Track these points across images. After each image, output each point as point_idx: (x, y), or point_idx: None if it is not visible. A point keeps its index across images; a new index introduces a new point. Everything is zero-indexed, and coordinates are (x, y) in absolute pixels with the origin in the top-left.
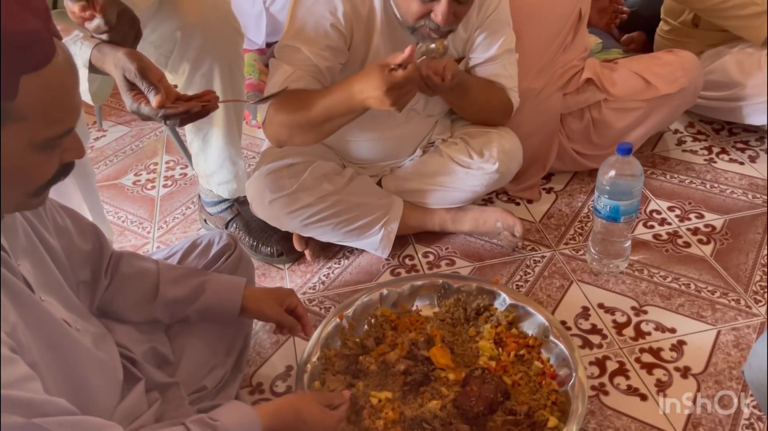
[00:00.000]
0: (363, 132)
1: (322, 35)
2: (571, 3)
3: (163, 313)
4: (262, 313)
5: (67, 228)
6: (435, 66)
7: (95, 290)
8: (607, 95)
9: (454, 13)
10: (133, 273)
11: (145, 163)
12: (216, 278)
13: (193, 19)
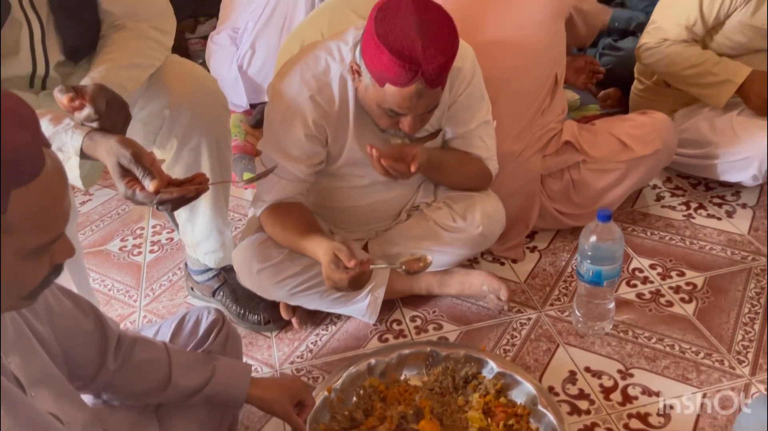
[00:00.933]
0: (347, 199)
1: (299, 147)
2: (547, 68)
3: (170, 399)
4: (270, 408)
5: (64, 311)
6: (404, 154)
7: (99, 369)
8: (586, 156)
9: (421, 120)
10: (145, 360)
11: (132, 227)
12: (224, 364)
13: (181, 97)
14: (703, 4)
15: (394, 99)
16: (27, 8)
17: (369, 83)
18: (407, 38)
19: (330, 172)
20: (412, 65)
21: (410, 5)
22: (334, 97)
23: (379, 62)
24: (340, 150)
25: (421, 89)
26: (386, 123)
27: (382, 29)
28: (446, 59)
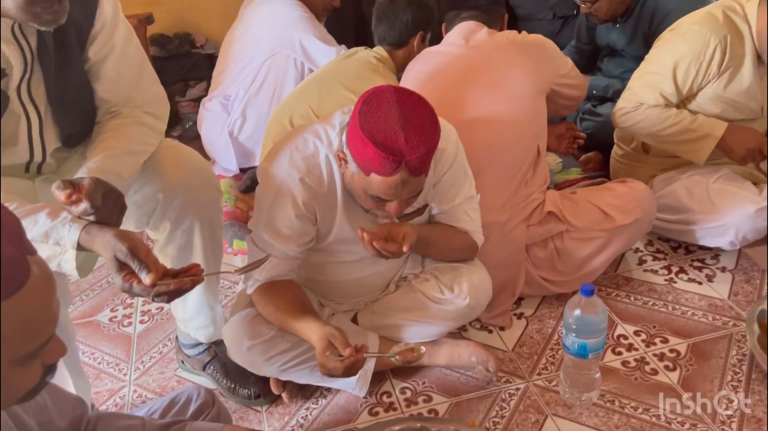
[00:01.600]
0: (337, 274)
1: (290, 227)
2: (530, 142)
3: None
4: None
5: (45, 406)
6: (395, 233)
7: None
8: (569, 226)
9: (406, 203)
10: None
11: (122, 296)
12: (196, 425)
13: (175, 181)
14: (677, 76)
15: (379, 187)
16: (25, 100)
17: (355, 171)
18: (390, 131)
19: (319, 248)
20: (396, 156)
21: (393, 99)
22: (323, 177)
23: (364, 154)
24: (329, 228)
25: (405, 178)
26: (372, 206)
27: (367, 123)
28: (428, 149)
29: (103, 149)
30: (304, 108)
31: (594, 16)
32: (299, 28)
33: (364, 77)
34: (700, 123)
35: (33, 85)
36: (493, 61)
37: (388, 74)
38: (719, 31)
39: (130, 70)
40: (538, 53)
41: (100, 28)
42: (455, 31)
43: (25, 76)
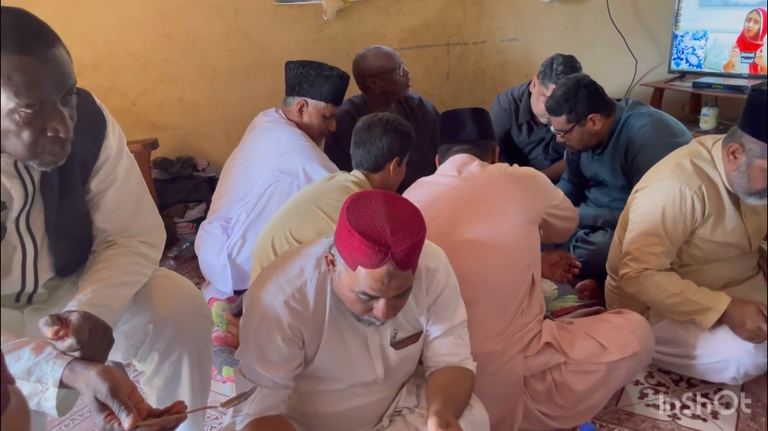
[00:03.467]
0: (324, 404)
1: (277, 352)
2: (524, 270)
3: None
4: None
5: None
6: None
7: None
8: (566, 358)
9: (394, 306)
10: None
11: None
12: None
13: (166, 312)
14: (667, 233)
15: (366, 281)
16: (23, 232)
17: (342, 269)
18: (376, 223)
19: (306, 374)
20: (382, 247)
21: (380, 199)
22: (308, 299)
23: (350, 246)
24: (314, 350)
25: (391, 270)
26: (360, 309)
27: (353, 217)
28: (414, 242)
29: (96, 281)
30: (283, 232)
31: (570, 146)
32: (302, 157)
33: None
34: (702, 295)
35: (32, 216)
36: (484, 192)
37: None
38: (692, 182)
39: (129, 201)
40: (528, 185)
41: (104, 161)
42: (448, 163)
43: (25, 208)
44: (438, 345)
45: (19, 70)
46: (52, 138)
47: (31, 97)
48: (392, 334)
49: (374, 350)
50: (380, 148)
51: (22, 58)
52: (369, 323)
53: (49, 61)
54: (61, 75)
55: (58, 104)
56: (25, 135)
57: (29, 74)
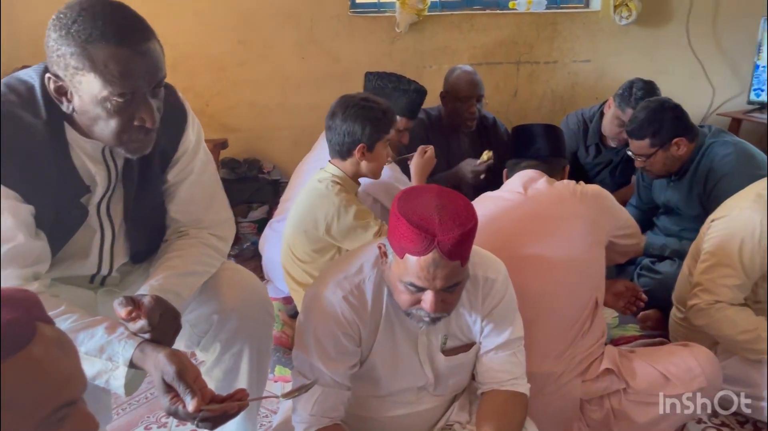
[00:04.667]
0: (371, 409)
1: (335, 346)
2: (587, 292)
3: None
4: None
5: None
6: None
7: None
8: (627, 386)
9: (443, 301)
10: None
11: (157, 414)
12: None
13: (232, 304)
14: (744, 265)
15: (413, 269)
16: (103, 217)
17: (392, 259)
18: (425, 212)
19: (358, 375)
20: (428, 234)
21: (431, 191)
22: (366, 296)
23: (398, 233)
24: (369, 348)
25: (437, 259)
26: (408, 300)
27: (403, 206)
28: (461, 233)
29: (167, 268)
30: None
31: (648, 171)
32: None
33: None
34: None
35: (113, 202)
36: (551, 210)
37: (340, 194)
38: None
39: (203, 194)
40: (596, 204)
41: (182, 153)
42: (515, 178)
43: (106, 194)
44: (491, 360)
45: (115, 60)
46: (138, 127)
47: (124, 87)
48: (442, 340)
49: (423, 354)
50: (342, 134)
51: (119, 49)
52: (418, 319)
53: (143, 53)
54: (154, 68)
55: (147, 96)
56: (113, 122)
57: (124, 65)
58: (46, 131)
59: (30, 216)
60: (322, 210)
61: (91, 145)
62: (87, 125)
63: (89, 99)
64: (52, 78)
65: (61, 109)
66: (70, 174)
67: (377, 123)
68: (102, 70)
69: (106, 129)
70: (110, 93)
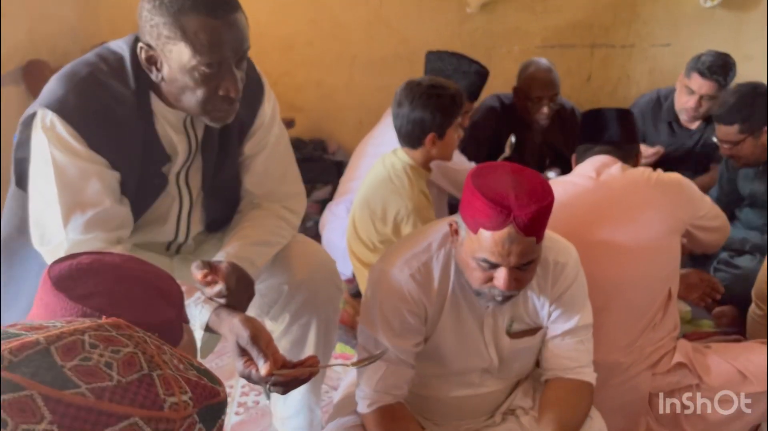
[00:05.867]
0: (434, 388)
1: (402, 323)
2: (661, 282)
3: None
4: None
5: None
6: None
7: None
8: (700, 382)
9: (516, 279)
10: None
11: None
12: None
13: (302, 276)
14: None
15: (487, 245)
16: (182, 185)
17: (464, 236)
18: (501, 187)
19: (422, 354)
20: (504, 209)
21: (506, 167)
22: (433, 274)
23: (473, 208)
24: (432, 329)
25: (513, 234)
26: (480, 278)
27: (479, 181)
28: (538, 208)
29: (241, 237)
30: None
31: (735, 159)
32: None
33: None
34: None
35: (192, 171)
36: (625, 197)
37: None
38: None
39: (277, 167)
40: (674, 192)
41: (259, 126)
42: (587, 163)
43: (186, 163)
44: (556, 345)
45: (205, 30)
46: (223, 97)
47: (212, 56)
48: (509, 322)
49: (488, 335)
50: (410, 123)
51: (209, 19)
52: (489, 298)
53: (231, 24)
54: (240, 39)
55: (233, 66)
56: (200, 92)
57: (214, 35)
58: (134, 100)
59: (116, 183)
60: (393, 208)
61: (175, 114)
62: (174, 94)
63: (178, 68)
64: (144, 47)
65: (149, 79)
66: (153, 143)
67: (447, 110)
68: (192, 39)
69: (192, 98)
70: (198, 62)
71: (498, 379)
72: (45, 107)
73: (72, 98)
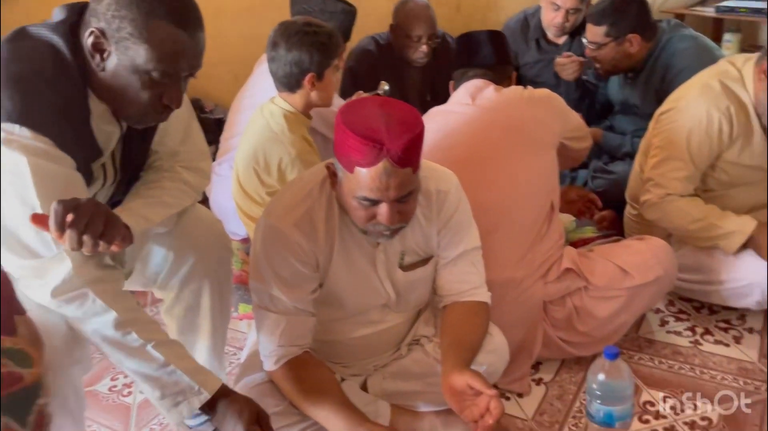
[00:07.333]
0: (337, 332)
1: (293, 273)
2: (543, 196)
3: None
4: None
5: None
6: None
7: None
8: (587, 283)
9: (399, 212)
10: None
11: None
12: None
13: (186, 241)
14: (693, 157)
15: (365, 182)
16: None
17: (342, 177)
18: (371, 121)
19: (320, 300)
20: (376, 143)
21: (374, 101)
22: (318, 219)
23: (346, 146)
24: (325, 274)
25: (389, 168)
26: (363, 216)
27: (348, 118)
28: (410, 138)
29: (138, 196)
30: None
31: (597, 63)
32: None
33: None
34: (728, 220)
35: (114, 155)
36: (501, 118)
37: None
38: (720, 104)
39: (177, 126)
40: (546, 107)
41: None
42: (461, 90)
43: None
44: (449, 271)
45: (172, 40)
46: (163, 105)
47: (170, 67)
48: (400, 256)
49: (382, 271)
50: (288, 64)
51: (178, 31)
52: (377, 235)
53: (196, 41)
54: (199, 56)
55: (182, 80)
56: (143, 94)
57: (178, 46)
58: (78, 96)
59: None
60: (275, 156)
61: (104, 107)
62: (110, 87)
63: (129, 65)
64: (95, 32)
65: (85, 73)
66: (90, 138)
67: (325, 49)
68: (156, 45)
69: (132, 98)
70: (154, 68)
71: (398, 313)
72: (7, 121)
73: (27, 104)
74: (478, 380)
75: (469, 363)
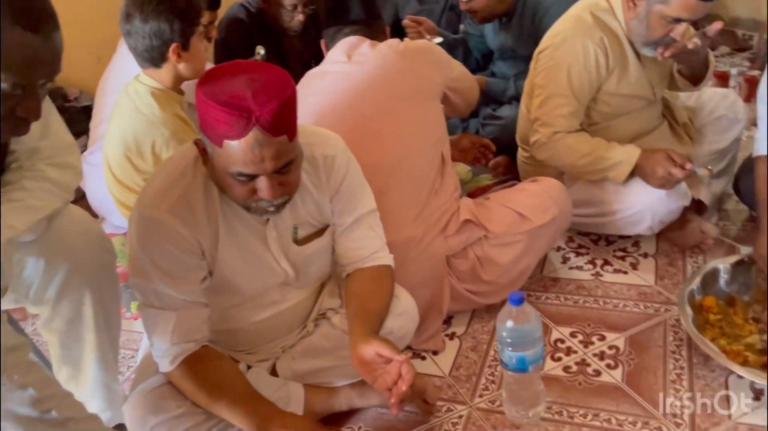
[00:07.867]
0: (236, 319)
1: (177, 266)
2: (431, 149)
3: None
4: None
5: None
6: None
7: None
8: (487, 232)
9: (280, 184)
10: None
11: None
12: None
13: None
14: (574, 91)
15: (237, 156)
16: None
17: (212, 153)
18: (234, 89)
19: (214, 288)
20: (243, 112)
21: (237, 67)
22: (196, 202)
23: (210, 118)
24: (213, 260)
25: (260, 137)
26: (243, 193)
27: (209, 88)
28: (279, 102)
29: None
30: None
31: (474, 13)
32: None
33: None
34: (614, 151)
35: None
36: (380, 73)
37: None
38: (594, 36)
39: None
40: (424, 58)
41: None
42: (336, 48)
43: None
44: (347, 238)
45: (22, 46)
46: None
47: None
48: (293, 230)
49: (275, 248)
50: (147, 37)
51: (27, 35)
52: (261, 212)
53: (51, 44)
54: (57, 61)
55: (38, 88)
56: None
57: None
58: None
59: None
60: (148, 139)
61: None
62: None
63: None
64: None
65: None
66: None
67: (185, 15)
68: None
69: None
70: (4, 79)
71: (299, 289)
72: None
73: None
74: (387, 347)
75: (377, 330)
